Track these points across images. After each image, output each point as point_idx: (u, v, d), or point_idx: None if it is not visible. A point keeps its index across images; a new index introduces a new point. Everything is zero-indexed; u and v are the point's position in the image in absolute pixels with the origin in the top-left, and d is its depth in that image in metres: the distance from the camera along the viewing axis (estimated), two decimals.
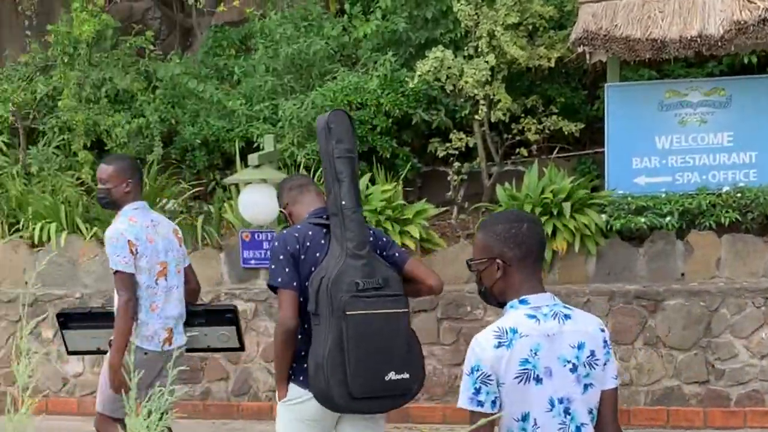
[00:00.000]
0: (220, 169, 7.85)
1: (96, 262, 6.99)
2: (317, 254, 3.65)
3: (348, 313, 3.48)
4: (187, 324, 4.77)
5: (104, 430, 4.66)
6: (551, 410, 2.58)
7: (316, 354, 3.54)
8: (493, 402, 2.54)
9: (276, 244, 3.70)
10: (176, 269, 4.70)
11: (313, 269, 3.62)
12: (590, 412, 2.64)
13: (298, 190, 3.89)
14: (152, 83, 7.83)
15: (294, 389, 3.67)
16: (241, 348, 4.96)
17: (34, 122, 7.82)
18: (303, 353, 3.63)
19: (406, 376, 3.55)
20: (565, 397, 2.60)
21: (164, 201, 7.23)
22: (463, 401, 2.56)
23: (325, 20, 7.91)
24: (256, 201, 6.24)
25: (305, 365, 3.61)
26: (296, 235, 3.67)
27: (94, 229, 6.97)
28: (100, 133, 7.21)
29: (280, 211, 3.95)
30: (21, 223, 7.16)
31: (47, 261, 4.90)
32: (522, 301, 2.63)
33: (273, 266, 3.65)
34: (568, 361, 2.59)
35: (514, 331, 2.56)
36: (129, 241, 4.48)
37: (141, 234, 4.55)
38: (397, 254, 3.79)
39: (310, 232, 3.69)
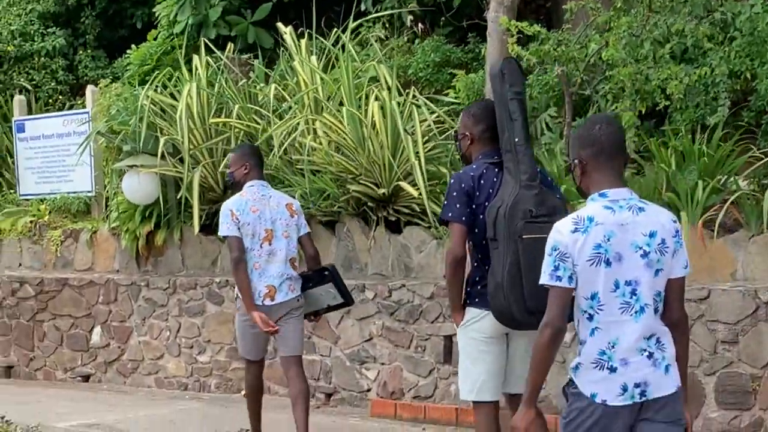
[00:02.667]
0: None
1: None
2: (490, 189, 4.38)
3: (524, 237, 4.12)
4: (305, 288, 5.94)
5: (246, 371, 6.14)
6: (615, 291, 3.15)
7: (495, 275, 4.24)
8: (570, 277, 3.15)
9: (452, 182, 4.44)
10: (283, 234, 5.86)
11: (487, 203, 4.35)
12: (657, 295, 3.19)
13: (483, 136, 4.56)
14: (728, 34, 6.70)
15: (471, 311, 4.45)
16: (349, 302, 6.06)
17: (583, 88, 7.24)
18: (477, 278, 4.44)
19: None
20: (633, 280, 3.15)
21: (724, 177, 6.17)
22: (544, 278, 3.18)
23: None
24: None
25: (479, 288, 4.41)
26: (472, 174, 4.43)
27: None
28: (652, 91, 6.31)
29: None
30: None
31: None
32: (601, 194, 3.21)
33: (446, 202, 4.42)
34: (640, 247, 3.15)
35: (591, 219, 3.15)
36: (231, 211, 5.79)
37: (245, 206, 5.81)
38: (557, 195, 4.52)
39: (484, 170, 4.44)
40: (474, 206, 4.40)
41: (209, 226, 8.40)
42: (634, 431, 3.18)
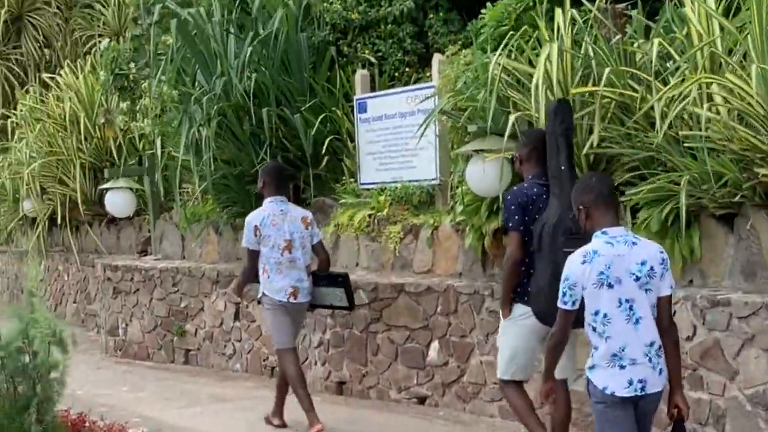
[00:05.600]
0: None
1: None
2: (540, 206, 5.80)
3: (564, 250, 5.06)
4: (315, 284, 7.86)
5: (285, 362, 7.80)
6: (619, 306, 4.56)
7: (537, 282, 5.64)
8: (574, 302, 4.63)
9: (509, 197, 5.96)
10: (300, 245, 7.73)
11: (536, 217, 5.75)
12: (651, 309, 4.60)
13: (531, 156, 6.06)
14: None
15: (519, 307, 5.91)
16: (350, 307, 8.08)
17: None
18: (525, 280, 5.83)
19: None
20: (630, 298, 4.56)
21: None
22: (559, 303, 4.66)
23: None
24: None
25: (528, 289, 5.81)
26: (525, 191, 5.92)
27: None
28: None
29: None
30: None
31: None
32: (603, 233, 4.64)
33: (506, 214, 5.90)
34: (632, 273, 4.56)
35: (595, 252, 4.57)
36: (255, 225, 7.69)
37: (266, 220, 7.68)
38: None
39: (534, 189, 5.90)
40: (526, 219, 5.78)
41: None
42: (635, 412, 4.60)
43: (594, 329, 4.59)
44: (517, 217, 5.80)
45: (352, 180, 9.88)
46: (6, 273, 19.36)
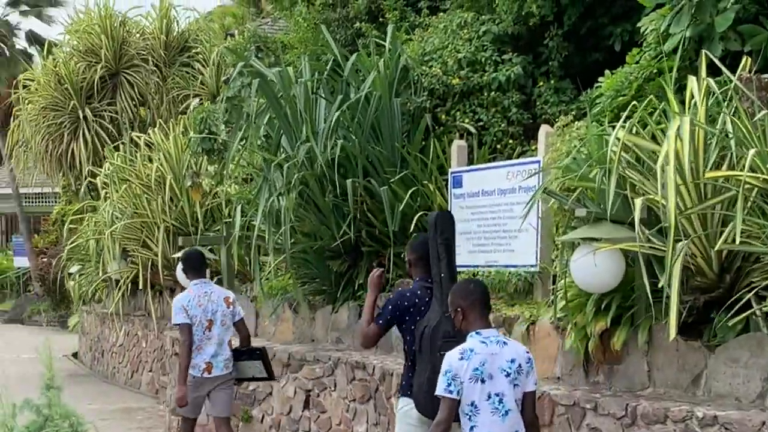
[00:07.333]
0: None
1: None
2: (422, 307, 6.11)
3: (441, 353, 5.35)
4: (236, 359, 8.43)
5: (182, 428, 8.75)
6: (488, 400, 5.03)
7: (419, 379, 5.89)
8: (458, 392, 5.02)
9: (391, 296, 6.48)
10: (221, 323, 8.31)
11: (418, 318, 6.06)
12: (516, 402, 5.07)
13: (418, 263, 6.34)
14: None
15: (404, 400, 6.16)
16: (270, 378, 8.64)
17: None
18: (410, 374, 6.09)
19: None
20: (500, 392, 5.03)
21: None
22: (439, 391, 5.05)
23: None
24: None
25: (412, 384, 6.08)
26: (408, 294, 6.26)
27: None
28: None
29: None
30: None
31: None
32: (477, 333, 5.14)
33: (381, 309, 6.27)
34: (504, 370, 5.04)
35: (471, 350, 5.05)
36: (182, 305, 8.26)
37: (192, 301, 8.29)
38: None
39: (419, 292, 6.20)
40: (396, 318, 6.21)
41: (692, 327, 6.14)
42: None
43: (468, 417, 5.09)
44: (388, 317, 6.19)
45: None
46: (90, 334, 18.80)
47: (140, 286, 14.37)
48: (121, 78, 19.13)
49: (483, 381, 5.01)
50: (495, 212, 8.22)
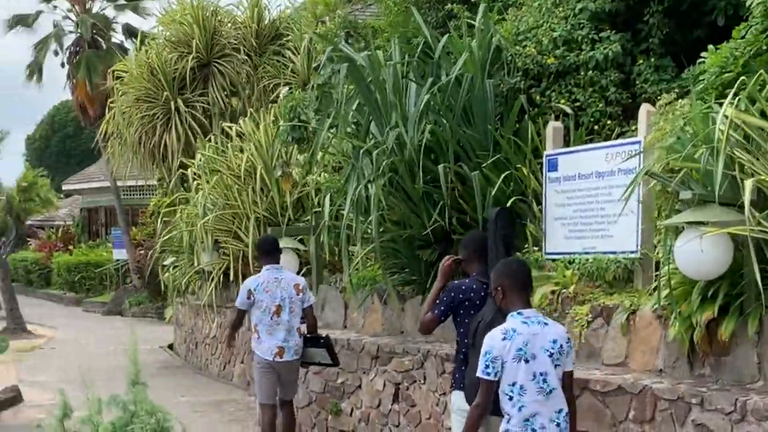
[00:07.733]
0: None
1: None
2: (477, 301, 6.21)
3: None
4: (305, 345, 8.86)
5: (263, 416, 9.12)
6: (533, 379, 5.15)
7: (470, 375, 5.73)
8: (496, 374, 5.15)
9: (449, 289, 6.41)
10: (290, 309, 8.69)
11: (472, 312, 6.16)
12: (559, 380, 5.22)
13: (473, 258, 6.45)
14: None
15: (457, 393, 6.30)
16: (334, 364, 9.10)
17: None
18: (463, 368, 6.20)
19: None
20: (544, 372, 5.16)
21: None
22: (478, 372, 5.18)
23: None
24: None
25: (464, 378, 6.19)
26: (464, 287, 6.36)
27: None
28: None
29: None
30: None
31: None
32: (518, 313, 5.26)
33: (439, 300, 6.40)
34: (546, 350, 5.18)
35: (514, 330, 5.17)
36: (249, 289, 8.72)
37: (260, 286, 8.69)
38: None
39: (474, 286, 6.32)
40: (452, 310, 6.36)
41: None
42: None
43: (510, 398, 5.19)
44: (443, 308, 6.36)
45: (535, 248, 8.38)
46: (185, 325, 18.85)
47: (231, 278, 14.26)
48: (213, 68, 18.99)
49: (527, 361, 5.14)
50: (592, 196, 7.81)
